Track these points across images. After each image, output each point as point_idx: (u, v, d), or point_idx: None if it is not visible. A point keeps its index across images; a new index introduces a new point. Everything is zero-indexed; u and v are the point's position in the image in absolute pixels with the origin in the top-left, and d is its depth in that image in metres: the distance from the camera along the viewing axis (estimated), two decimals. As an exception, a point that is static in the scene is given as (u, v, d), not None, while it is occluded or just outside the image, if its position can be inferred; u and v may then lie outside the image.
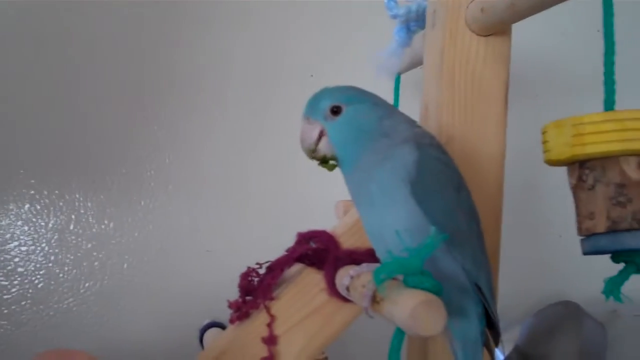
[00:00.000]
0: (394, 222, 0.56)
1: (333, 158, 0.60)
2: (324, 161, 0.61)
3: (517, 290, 1.26)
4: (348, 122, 0.59)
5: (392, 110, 0.61)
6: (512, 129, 0.82)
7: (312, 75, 1.18)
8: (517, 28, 0.68)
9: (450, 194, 0.57)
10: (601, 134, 0.48)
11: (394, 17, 0.82)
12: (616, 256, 0.51)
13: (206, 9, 1.16)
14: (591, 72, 0.51)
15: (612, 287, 0.50)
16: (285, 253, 0.71)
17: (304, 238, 0.72)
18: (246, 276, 0.72)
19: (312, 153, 0.60)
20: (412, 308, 0.44)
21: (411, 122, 0.61)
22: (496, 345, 0.63)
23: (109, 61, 1.12)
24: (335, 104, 0.59)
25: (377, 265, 0.53)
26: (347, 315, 0.70)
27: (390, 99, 0.93)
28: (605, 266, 0.52)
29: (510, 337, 1.07)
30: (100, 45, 1.12)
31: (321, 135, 0.60)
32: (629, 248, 0.49)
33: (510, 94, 0.74)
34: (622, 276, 0.50)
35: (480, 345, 0.60)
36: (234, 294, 0.73)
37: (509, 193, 0.89)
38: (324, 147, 0.60)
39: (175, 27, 1.15)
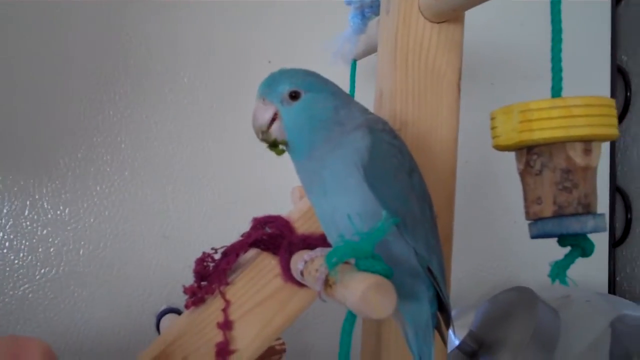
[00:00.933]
0: (347, 208, 0.56)
1: (283, 143, 0.60)
2: (273, 145, 0.60)
3: (472, 276, 1.28)
4: (305, 109, 0.59)
5: (348, 99, 0.61)
6: (469, 116, 0.83)
7: (269, 62, 1.17)
8: (475, 17, 0.69)
9: (403, 178, 0.58)
10: (548, 120, 0.49)
11: (349, 3, 0.83)
12: (562, 240, 0.52)
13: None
14: (548, 61, 0.52)
15: (558, 270, 0.51)
16: (241, 238, 0.71)
17: (259, 223, 0.72)
18: (201, 261, 0.72)
19: (263, 135, 0.60)
20: (362, 291, 0.45)
21: (364, 111, 0.62)
22: (447, 328, 0.64)
23: (61, 46, 1.11)
24: (294, 89, 0.59)
25: (329, 249, 0.54)
26: (302, 301, 0.71)
27: (347, 85, 0.94)
28: (559, 252, 0.54)
29: (464, 323, 1.08)
30: (52, 29, 1.11)
31: (275, 118, 0.59)
32: (575, 232, 0.50)
33: (467, 81, 0.75)
34: (568, 260, 0.52)
35: (431, 329, 0.61)
36: (190, 280, 0.73)
37: (464, 179, 0.91)
38: (276, 131, 0.59)
39: (127, 11, 1.14)
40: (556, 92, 0.51)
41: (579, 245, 0.52)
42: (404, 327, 0.61)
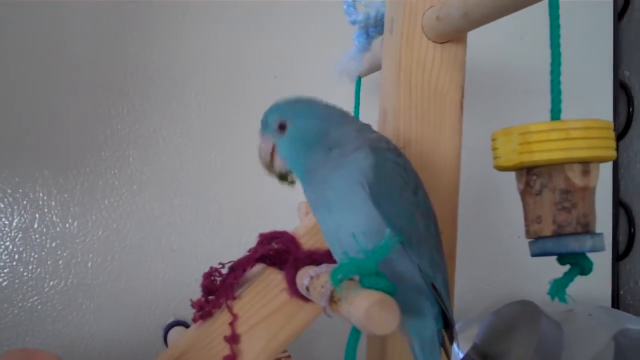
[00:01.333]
0: (352, 226, 0.57)
1: (288, 172, 0.63)
2: (282, 177, 0.63)
3: (476, 290, 1.29)
4: (293, 137, 0.60)
5: (341, 120, 0.62)
6: (472, 131, 0.84)
7: (275, 77, 1.19)
8: (476, 32, 0.70)
9: (408, 196, 0.59)
10: (547, 142, 0.51)
11: (353, 22, 0.84)
12: (562, 258, 0.54)
13: (167, 8, 1.17)
14: (549, 75, 0.54)
15: (557, 288, 0.52)
16: (248, 253, 0.73)
17: (266, 239, 0.74)
18: (209, 276, 0.73)
19: (269, 169, 0.63)
20: (366, 307, 0.46)
21: (364, 129, 0.63)
22: (451, 344, 0.65)
23: (69, 60, 1.13)
24: (282, 119, 0.61)
25: (335, 265, 0.55)
26: (308, 315, 0.72)
27: (351, 101, 0.95)
28: (562, 267, 0.55)
29: (468, 336, 1.09)
30: (65, 43, 1.13)
31: (273, 150, 0.62)
32: (574, 251, 0.52)
33: (469, 96, 0.77)
34: (567, 278, 0.53)
35: (437, 344, 0.62)
36: (198, 293, 0.74)
37: (467, 194, 0.92)
38: (277, 163, 0.62)
39: (136, 26, 1.16)
40: (555, 114, 0.52)
41: (578, 263, 0.53)
42: (410, 343, 0.62)
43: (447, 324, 0.63)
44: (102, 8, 1.14)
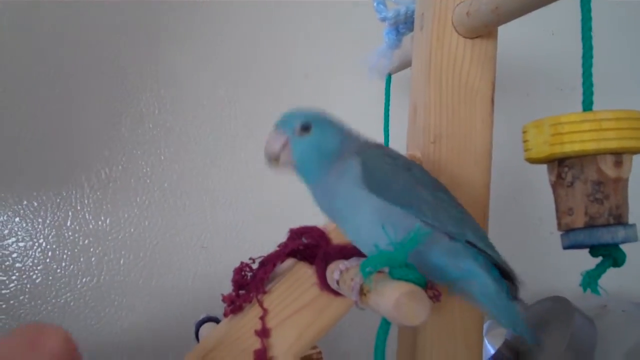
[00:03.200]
0: (368, 224, 0.59)
1: (289, 166, 0.65)
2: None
3: (508, 286, 1.28)
4: (314, 142, 0.63)
5: (350, 131, 0.66)
6: (504, 127, 0.84)
7: (306, 75, 1.19)
8: (507, 27, 0.69)
9: (402, 174, 0.61)
10: (579, 134, 0.51)
11: (383, 19, 0.85)
12: (594, 250, 0.53)
13: (199, 7, 1.18)
14: (580, 71, 0.54)
15: (590, 280, 0.52)
16: (278, 248, 0.73)
17: (296, 234, 0.74)
18: (240, 271, 0.73)
19: (271, 161, 0.65)
20: (396, 298, 0.46)
21: (365, 139, 0.66)
22: (517, 290, 0.64)
23: (103, 60, 1.14)
24: (307, 122, 0.63)
25: (364, 258, 0.55)
26: (338, 309, 0.72)
27: (381, 98, 0.95)
28: (595, 262, 0.54)
29: (500, 332, 1.09)
30: (97, 42, 1.14)
31: (285, 146, 0.64)
32: (606, 243, 0.51)
33: (501, 92, 0.76)
34: (599, 270, 0.52)
35: (503, 294, 0.61)
36: (228, 290, 0.74)
37: (499, 190, 0.91)
38: (284, 158, 0.64)
39: (168, 24, 1.17)
40: (587, 105, 0.52)
41: (610, 255, 0.53)
42: (483, 308, 0.62)
43: (503, 272, 0.62)
44: (133, 6, 1.15)
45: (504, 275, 0.63)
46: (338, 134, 0.64)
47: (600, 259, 0.53)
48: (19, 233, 1.10)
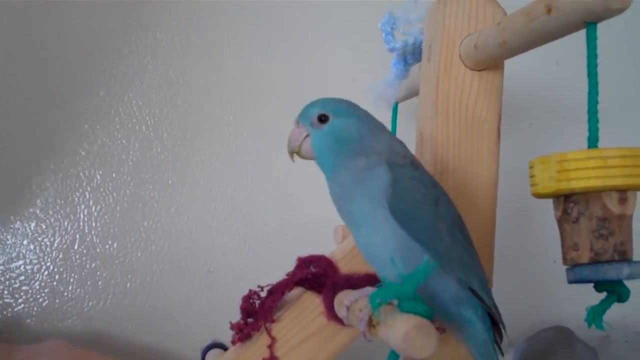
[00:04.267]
0: (380, 243, 0.59)
1: (311, 159, 0.65)
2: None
3: (511, 315, 1.28)
4: (331, 132, 0.62)
5: (376, 129, 0.64)
6: (509, 156, 0.85)
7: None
8: (511, 59, 0.70)
9: (428, 210, 0.60)
10: (584, 170, 0.51)
11: (391, 50, 0.86)
12: (599, 286, 0.54)
13: (206, 34, 1.20)
14: (584, 100, 0.55)
15: (595, 315, 0.52)
16: (286, 277, 0.73)
17: (304, 262, 0.74)
18: (248, 299, 0.74)
19: (293, 153, 0.65)
20: (405, 332, 0.47)
21: (392, 141, 0.64)
22: (501, 339, 0.65)
23: (111, 83, 1.16)
24: (323, 112, 0.63)
25: (373, 290, 0.56)
26: (345, 338, 0.72)
27: (388, 126, 0.96)
28: (598, 293, 0.55)
29: (503, 360, 1.09)
30: (98, 67, 1.16)
31: (305, 138, 0.64)
32: (611, 279, 0.52)
33: (506, 121, 0.77)
34: (604, 305, 0.53)
35: (490, 343, 0.63)
36: (236, 314, 0.75)
37: (504, 218, 0.92)
38: (305, 150, 0.64)
39: (174, 48, 1.19)
40: (592, 142, 0.53)
41: (615, 291, 0.53)
42: (468, 349, 0.63)
43: (493, 320, 0.64)
44: (137, 34, 1.17)
45: (493, 320, 0.64)
46: (359, 125, 0.63)
47: (604, 294, 0.54)
48: (27, 256, 1.11)
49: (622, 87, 1.33)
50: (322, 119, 0.63)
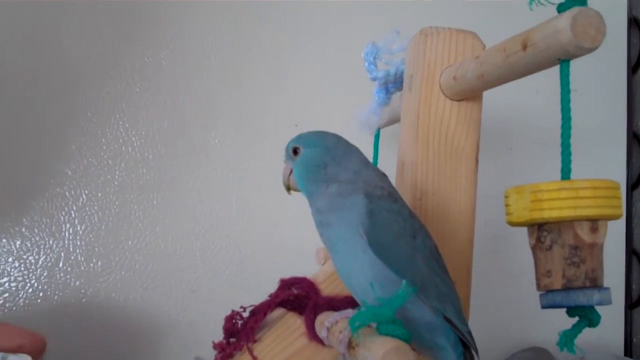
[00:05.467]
0: (358, 271, 0.61)
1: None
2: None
3: (490, 336, 1.30)
4: (302, 162, 0.66)
5: (346, 156, 0.66)
6: (488, 180, 0.87)
7: (296, 125, 1.22)
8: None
9: (406, 241, 0.62)
10: (557, 201, 0.54)
11: (374, 79, 0.88)
12: (571, 311, 0.56)
13: (193, 58, 1.22)
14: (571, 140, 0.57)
15: (566, 339, 0.54)
16: (269, 298, 0.75)
17: (286, 284, 0.76)
18: (230, 319, 0.76)
19: (287, 188, 0.70)
20: (383, 354, 0.49)
21: (362, 168, 0.66)
22: None
23: (99, 104, 1.18)
24: (296, 145, 0.67)
25: (353, 312, 0.58)
26: (325, 359, 0.74)
27: (370, 151, 0.98)
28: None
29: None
30: (89, 86, 1.18)
31: (291, 172, 0.68)
32: (582, 304, 0.54)
33: (486, 147, 0.79)
34: (576, 330, 0.55)
35: None
36: (218, 334, 0.76)
37: (482, 241, 0.93)
38: (292, 184, 0.69)
39: (162, 73, 1.21)
40: (565, 174, 0.55)
41: (586, 316, 0.55)
42: None
43: (465, 346, 0.65)
44: (125, 52, 1.19)
45: (466, 346, 0.66)
46: (323, 153, 0.65)
47: (576, 319, 0.56)
48: (12, 273, 1.12)
49: (599, 116, 1.36)
50: (296, 151, 0.67)
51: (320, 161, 0.65)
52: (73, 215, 1.15)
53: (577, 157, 0.57)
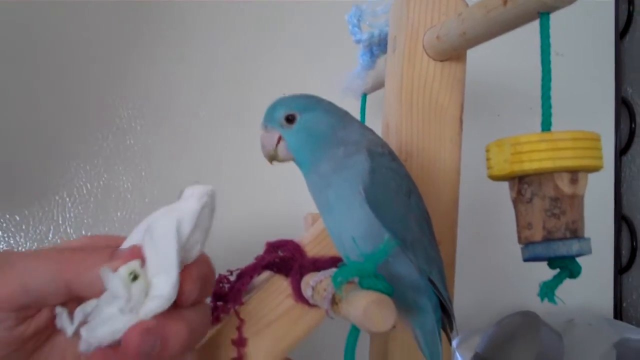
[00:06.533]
0: (352, 228, 0.60)
1: (290, 160, 0.65)
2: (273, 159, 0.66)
3: (479, 301, 1.31)
4: (302, 129, 0.63)
5: (345, 117, 0.65)
6: (476, 146, 0.87)
7: (284, 93, 1.22)
8: (479, 50, 0.72)
9: (401, 200, 0.62)
10: (537, 153, 0.54)
11: (358, 41, 0.87)
12: (552, 262, 0.56)
13: (180, 28, 1.21)
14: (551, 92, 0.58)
15: (547, 290, 0.55)
16: (254, 261, 0.75)
17: (272, 247, 0.76)
18: (217, 282, 0.75)
19: (272, 159, 0.66)
20: (364, 306, 0.49)
21: (362, 128, 0.65)
22: (451, 330, 0.67)
23: (85, 76, 1.17)
24: (290, 112, 0.64)
25: (336, 270, 0.58)
26: (312, 320, 0.74)
27: (357, 117, 0.98)
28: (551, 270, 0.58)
29: (470, 346, 1.12)
30: (75, 59, 1.17)
31: (279, 141, 0.64)
32: (562, 255, 0.55)
33: (474, 112, 0.79)
34: (556, 280, 0.56)
35: (437, 332, 0.65)
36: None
37: (470, 207, 0.93)
38: (282, 153, 0.65)
39: (149, 42, 1.21)
40: (546, 126, 0.55)
41: (567, 267, 0.56)
42: (413, 333, 0.66)
43: (445, 311, 0.66)
44: (116, 22, 1.18)
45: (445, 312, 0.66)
46: (328, 117, 0.63)
47: (558, 270, 0.57)
48: (1, 246, 1.12)
49: (587, 81, 1.36)
50: (290, 118, 0.63)
51: (326, 124, 0.63)
52: (61, 187, 1.15)
53: (565, 123, 0.58)
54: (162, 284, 0.49)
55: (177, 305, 0.50)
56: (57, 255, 0.51)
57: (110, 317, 0.48)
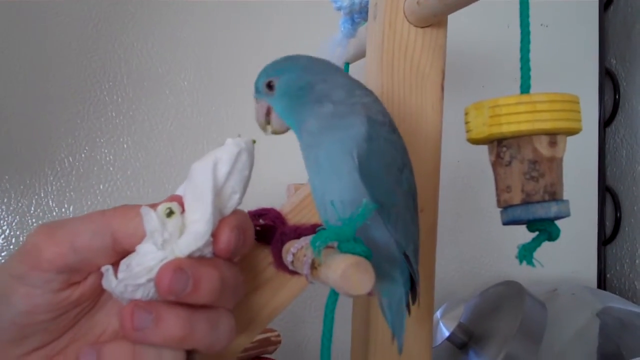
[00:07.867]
0: (337, 191, 0.59)
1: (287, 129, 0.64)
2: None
3: (463, 272, 1.32)
4: (282, 94, 0.61)
5: (326, 71, 0.63)
6: (461, 118, 0.87)
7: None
8: (465, 21, 0.72)
9: (393, 173, 0.61)
10: (515, 115, 0.54)
11: (338, 9, 0.87)
12: (531, 225, 0.56)
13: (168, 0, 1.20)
14: (535, 63, 0.57)
15: (525, 253, 0.55)
16: (236, 230, 0.75)
17: (253, 215, 0.76)
18: (199, 251, 0.75)
19: (266, 130, 0.65)
20: (342, 269, 0.49)
21: (351, 85, 0.63)
22: (414, 303, 0.66)
23: (66, 48, 1.16)
24: (267, 79, 0.62)
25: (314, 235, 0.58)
26: (293, 289, 0.74)
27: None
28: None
29: (454, 316, 1.12)
30: (58, 30, 1.16)
31: (269, 111, 0.63)
32: (540, 217, 0.55)
33: (459, 84, 0.79)
34: (535, 243, 0.55)
35: (404, 303, 0.65)
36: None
37: (455, 178, 0.94)
38: (275, 122, 0.64)
39: (133, 14, 1.20)
40: (525, 89, 0.55)
41: (545, 230, 0.56)
42: (380, 301, 0.66)
43: (413, 286, 0.65)
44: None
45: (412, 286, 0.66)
46: (303, 74, 0.61)
47: (537, 233, 0.57)
48: (-18, 220, 1.12)
49: (571, 52, 1.36)
50: (270, 85, 0.62)
51: (303, 82, 0.61)
52: (43, 161, 1.14)
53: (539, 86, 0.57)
54: (197, 221, 0.51)
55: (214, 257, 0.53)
56: (101, 212, 0.53)
57: (146, 253, 0.50)
